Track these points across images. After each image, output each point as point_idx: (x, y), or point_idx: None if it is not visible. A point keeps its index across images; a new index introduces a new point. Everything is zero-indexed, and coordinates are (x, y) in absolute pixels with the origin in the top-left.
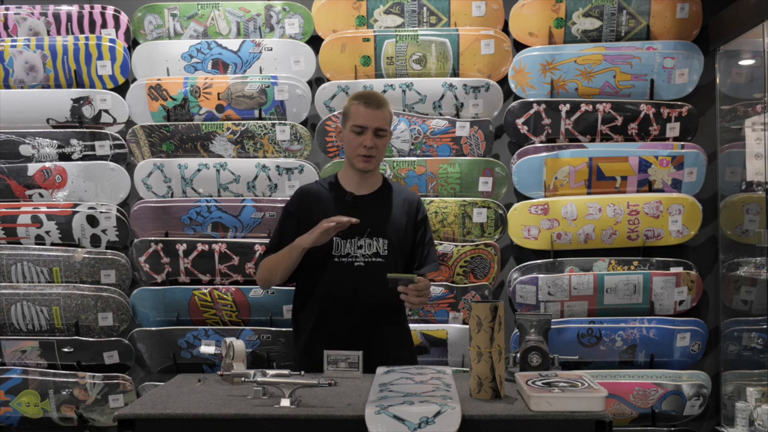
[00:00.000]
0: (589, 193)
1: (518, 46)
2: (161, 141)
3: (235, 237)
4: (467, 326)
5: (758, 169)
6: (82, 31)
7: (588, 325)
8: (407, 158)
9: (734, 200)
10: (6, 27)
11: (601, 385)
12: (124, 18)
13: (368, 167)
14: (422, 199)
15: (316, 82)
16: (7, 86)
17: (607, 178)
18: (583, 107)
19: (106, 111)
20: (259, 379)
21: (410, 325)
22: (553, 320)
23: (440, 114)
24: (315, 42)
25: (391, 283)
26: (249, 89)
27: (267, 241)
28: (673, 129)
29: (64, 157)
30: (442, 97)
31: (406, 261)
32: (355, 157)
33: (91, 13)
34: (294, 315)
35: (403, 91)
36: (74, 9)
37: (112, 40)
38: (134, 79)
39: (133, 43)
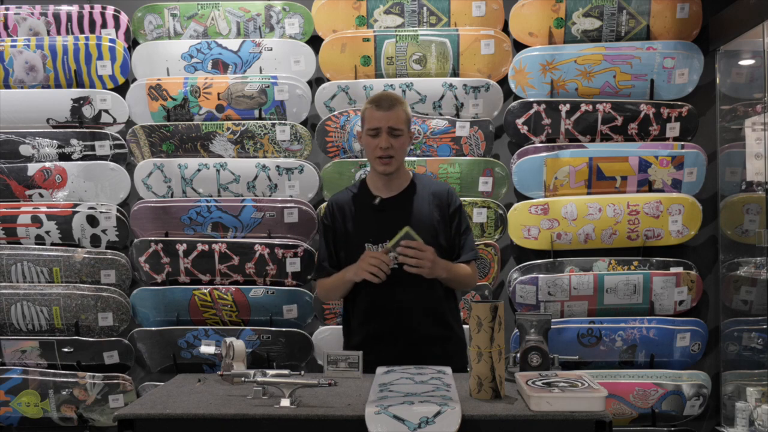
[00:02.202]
0: (589, 193)
1: (518, 46)
2: (161, 141)
3: (235, 237)
4: (467, 326)
5: (758, 169)
6: (82, 31)
7: (588, 325)
8: (407, 158)
9: (734, 200)
10: (6, 27)
11: (601, 385)
12: (124, 18)
13: (388, 169)
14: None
15: (316, 82)
16: (7, 86)
17: (607, 178)
18: (583, 107)
19: (106, 111)
20: (259, 379)
21: None
22: (553, 320)
23: (440, 114)
24: (315, 42)
25: (401, 239)
26: (249, 89)
27: (267, 241)
28: (673, 129)
29: (64, 157)
30: (442, 97)
31: (445, 255)
32: (374, 160)
33: (91, 13)
34: (343, 318)
35: (403, 91)
36: (74, 9)
37: (112, 40)
38: (134, 79)
39: (133, 43)
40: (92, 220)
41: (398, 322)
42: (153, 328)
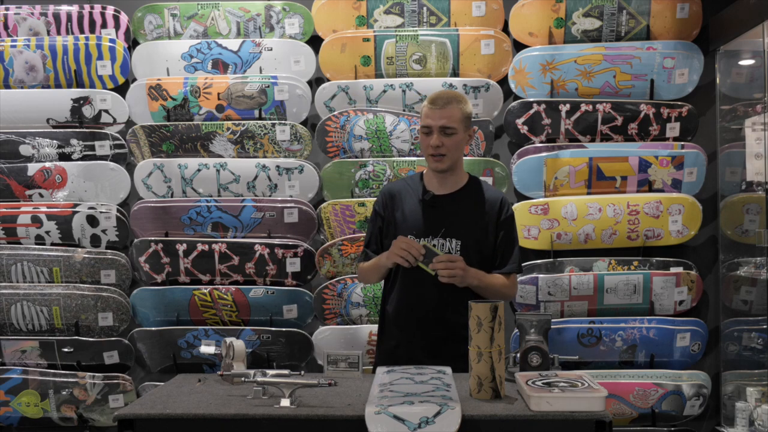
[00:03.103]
0: (589, 193)
1: (518, 46)
2: (161, 141)
3: (235, 237)
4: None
5: (758, 169)
6: (82, 31)
7: (588, 325)
8: (407, 158)
9: (734, 200)
10: (6, 27)
11: (601, 385)
12: (124, 18)
13: (440, 167)
14: None
15: (316, 82)
16: (7, 86)
17: (607, 178)
18: (583, 107)
19: (106, 111)
20: (259, 379)
21: None
22: (553, 320)
23: None
24: (315, 42)
25: (429, 257)
26: (249, 89)
27: (267, 241)
28: (673, 129)
29: (64, 157)
30: None
31: (486, 262)
32: (427, 157)
33: (91, 13)
34: (381, 309)
35: (403, 91)
36: (74, 9)
37: (112, 40)
38: (134, 79)
39: (133, 43)
40: (92, 220)
41: (428, 318)
42: (153, 328)
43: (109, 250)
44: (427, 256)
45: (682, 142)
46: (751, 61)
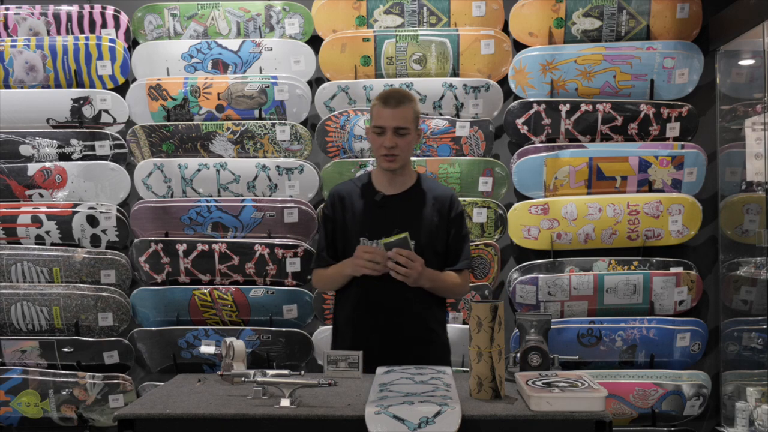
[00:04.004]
0: (589, 193)
1: (518, 46)
2: (161, 141)
3: (235, 237)
4: (467, 326)
5: (758, 169)
6: (82, 31)
7: (588, 325)
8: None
9: (734, 200)
10: (6, 27)
11: (601, 385)
12: (124, 18)
13: (392, 167)
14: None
15: (316, 82)
16: (7, 86)
17: (607, 178)
18: (583, 107)
19: (106, 111)
20: (259, 379)
21: None
22: (553, 320)
23: (440, 114)
24: (315, 42)
25: (393, 244)
26: (249, 89)
27: (267, 241)
28: (673, 129)
29: (64, 157)
30: (442, 97)
31: (440, 260)
32: (379, 157)
33: (91, 13)
34: (333, 311)
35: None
36: (74, 9)
37: (112, 40)
38: (134, 79)
39: (133, 43)
40: (92, 220)
41: (385, 320)
42: (153, 328)
43: (109, 250)
44: (392, 244)
45: (682, 142)
46: (751, 61)
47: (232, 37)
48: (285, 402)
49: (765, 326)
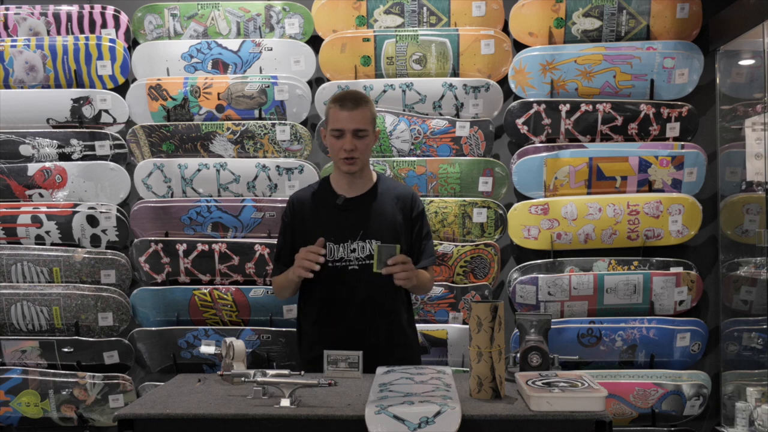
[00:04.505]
0: (589, 193)
1: (518, 46)
2: (161, 141)
3: (235, 237)
4: (467, 326)
5: (758, 169)
6: (82, 31)
7: (588, 325)
8: (407, 158)
9: (734, 200)
10: (6, 27)
11: (601, 385)
12: (124, 18)
13: (352, 169)
14: (422, 198)
15: (316, 82)
16: (7, 86)
17: (607, 178)
18: (583, 107)
19: (106, 111)
20: (259, 379)
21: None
22: (553, 320)
23: (440, 114)
24: (315, 42)
25: (383, 254)
26: (249, 89)
27: (267, 241)
28: (673, 129)
29: (64, 157)
30: (442, 97)
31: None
32: (338, 160)
33: (91, 13)
34: (298, 318)
35: (403, 91)
36: (74, 9)
37: (112, 40)
38: (134, 79)
39: (133, 43)
40: (92, 220)
41: (352, 321)
42: (153, 328)
43: (109, 250)
44: (382, 255)
45: (682, 142)
46: (751, 61)
47: (232, 37)
48: (285, 402)
49: (765, 326)
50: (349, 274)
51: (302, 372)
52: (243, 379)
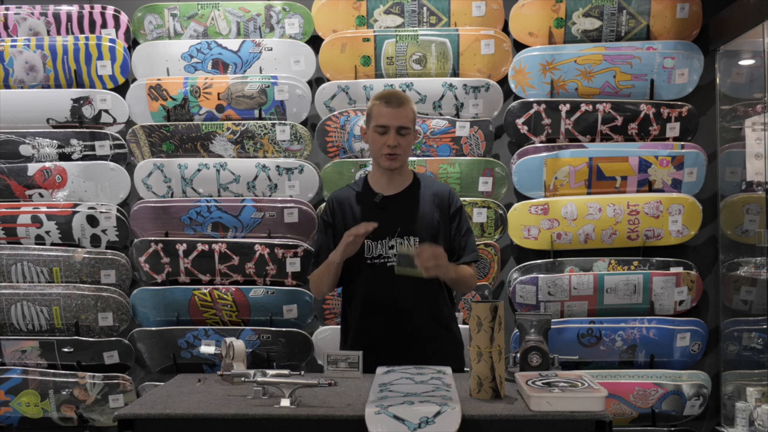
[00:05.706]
0: (589, 193)
1: (518, 46)
2: (161, 141)
3: (235, 237)
4: (467, 326)
5: (758, 169)
6: (82, 31)
7: (588, 325)
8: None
9: (734, 200)
10: (6, 27)
11: (601, 385)
12: (124, 18)
13: (394, 165)
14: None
15: (316, 82)
16: (7, 86)
17: (607, 178)
18: (583, 107)
19: (106, 111)
20: (259, 379)
21: None
22: (553, 320)
23: (440, 114)
24: (315, 42)
25: (401, 262)
26: (249, 89)
27: (267, 241)
28: (673, 129)
29: (64, 157)
30: (442, 97)
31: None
32: (380, 156)
33: (91, 13)
34: (342, 316)
35: (403, 91)
36: (74, 9)
37: (112, 40)
38: (134, 79)
39: (133, 43)
40: (92, 220)
41: (395, 319)
42: (153, 328)
43: (109, 250)
44: (402, 261)
45: (682, 142)
46: (751, 61)
47: (232, 37)
48: (285, 402)
49: (765, 326)
50: (387, 270)
51: (302, 372)
52: (243, 379)
